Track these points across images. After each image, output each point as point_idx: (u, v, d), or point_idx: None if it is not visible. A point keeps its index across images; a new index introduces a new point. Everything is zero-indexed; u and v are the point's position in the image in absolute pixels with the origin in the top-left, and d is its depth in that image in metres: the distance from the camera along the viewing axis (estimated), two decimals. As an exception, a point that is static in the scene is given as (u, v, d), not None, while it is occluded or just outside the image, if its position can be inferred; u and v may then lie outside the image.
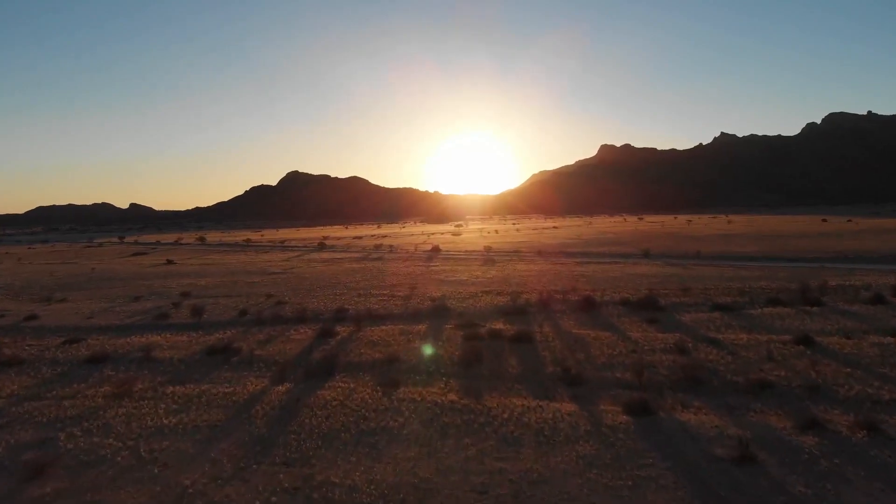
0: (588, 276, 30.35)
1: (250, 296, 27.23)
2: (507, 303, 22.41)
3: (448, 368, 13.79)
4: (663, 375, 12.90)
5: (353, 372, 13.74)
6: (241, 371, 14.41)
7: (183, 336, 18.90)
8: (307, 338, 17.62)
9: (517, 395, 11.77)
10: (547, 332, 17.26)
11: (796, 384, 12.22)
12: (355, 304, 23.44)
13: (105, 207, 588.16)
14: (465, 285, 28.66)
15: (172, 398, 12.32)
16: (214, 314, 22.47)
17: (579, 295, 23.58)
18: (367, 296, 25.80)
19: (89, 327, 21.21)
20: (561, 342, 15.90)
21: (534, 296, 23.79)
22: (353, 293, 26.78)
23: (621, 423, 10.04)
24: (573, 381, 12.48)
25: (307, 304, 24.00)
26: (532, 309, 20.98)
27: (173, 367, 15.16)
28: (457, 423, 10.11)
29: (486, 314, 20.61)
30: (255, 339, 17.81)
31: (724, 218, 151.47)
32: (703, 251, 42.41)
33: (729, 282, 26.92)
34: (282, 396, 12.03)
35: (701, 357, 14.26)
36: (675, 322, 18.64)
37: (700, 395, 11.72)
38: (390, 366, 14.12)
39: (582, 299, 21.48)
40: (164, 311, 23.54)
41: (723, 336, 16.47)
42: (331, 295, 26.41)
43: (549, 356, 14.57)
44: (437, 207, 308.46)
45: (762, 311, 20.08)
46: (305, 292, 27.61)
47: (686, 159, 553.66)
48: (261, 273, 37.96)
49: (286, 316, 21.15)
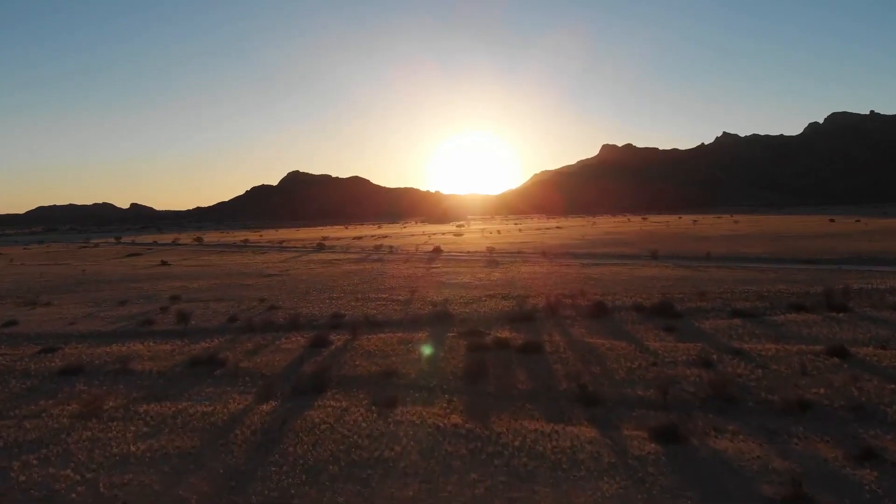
0: (596, 279, 29.07)
1: (242, 300, 25.98)
2: (512, 308, 21.15)
3: (451, 383, 12.53)
4: (690, 393, 11.63)
5: (346, 387, 12.48)
6: (224, 386, 13.15)
7: (166, 345, 17.65)
8: (299, 347, 16.36)
9: (529, 416, 10.50)
10: (557, 341, 15.98)
11: (838, 404, 10.97)
12: (352, 310, 22.18)
13: (106, 207, 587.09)
14: (467, 288, 27.40)
15: (144, 419, 11.06)
16: (202, 320, 21.22)
17: (589, 299, 22.31)
18: (365, 300, 24.55)
19: (69, 334, 19.97)
20: (573, 353, 14.62)
21: (541, 300, 22.52)
22: (351, 297, 25.53)
23: (650, 453, 8.77)
24: (590, 400, 11.21)
25: (301, 309, 22.74)
26: (540, 315, 19.71)
27: (151, 381, 13.90)
28: (461, 454, 8.84)
29: (490, 320, 19.34)
30: (242, 348, 16.55)
31: (729, 218, 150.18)
32: (712, 252, 41.09)
33: (745, 285, 25.64)
34: (265, 418, 10.77)
35: (728, 371, 12.99)
36: (694, 330, 17.37)
37: (733, 416, 10.45)
38: (387, 380, 12.86)
39: (593, 304, 20.21)
40: (149, 316, 22.30)
41: (748, 346, 15.19)
42: (327, 299, 25.16)
43: (562, 369, 13.29)
44: (438, 207, 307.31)
45: (786, 318, 18.80)
46: (300, 296, 26.36)
47: (688, 159, 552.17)
48: (256, 275, 36.71)
49: (278, 322, 19.90)
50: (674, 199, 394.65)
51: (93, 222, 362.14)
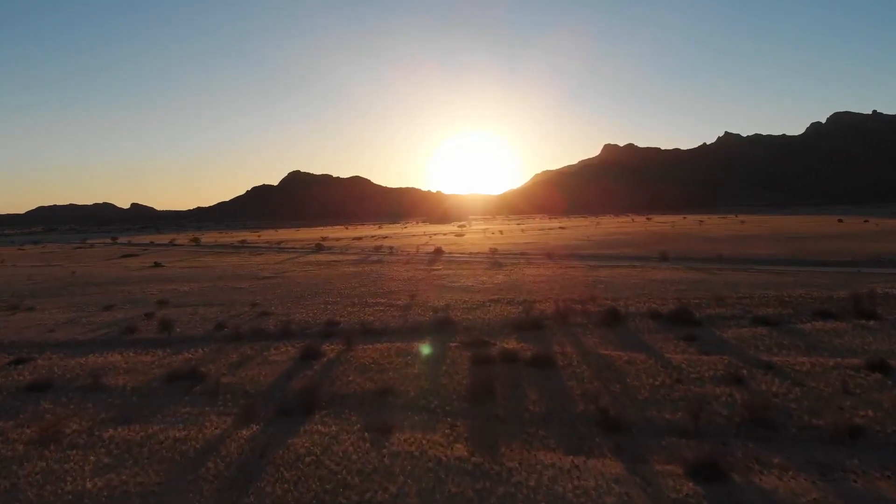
0: (605, 283, 27.73)
1: (233, 304, 24.68)
2: (519, 314, 19.83)
3: (453, 404, 11.23)
4: (723, 417, 10.33)
5: (337, 408, 11.19)
6: (202, 405, 11.86)
7: (146, 355, 16.36)
8: (288, 359, 15.05)
9: (544, 446, 9.19)
10: (570, 353, 14.66)
11: (891, 429, 9.68)
12: (348, 316, 20.87)
13: (106, 207, 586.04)
14: (470, 292, 26.09)
15: (108, 446, 9.78)
16: (188, 327, 19.91)
17: (600, 305, 21.00)
18: (362, 305, 23.24)
19: (46, 343, 18.68)
20: (589, 367, 13.30)
21: (549, 306, 21.20)
22: (347, 301, 24.22)
23: (689, 496, 7.47)
24: (613, 426, 9.90)
25: (294, 314, 21.44)
26: (548, 322, 18.39)
27: (123, 398, 12.61)
28: (468, 496, 7.54)
29: (496, 328, 18.03)
30: (227, 360, 15.24)
31: (734, 218, 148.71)
32: (724, 254, 39.67)
33: (764, 289, 24.31)
34: (244, 446, 9.47)
35: (762, 389, 11.68)
36: (716, 340, 16.05)
37: (776, 446, 9.15)
38: (383, 400, 11.57)
39: (605, 311, 18.88)
40: (133, 323, 21.01)
41: (779, 359, 13.88)
42: (322, 304, 23.86)
43: (578, 387, 11.98)
44: (439, 207, 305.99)
45: (813, 326, 17.49)
46: (294, 300, 25.06)
47: (690, 159, 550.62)
48: (250, 277, 35.39)
49: (268, 330, 18.59)
50: (675, 199, 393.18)
51: (93, 222, 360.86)
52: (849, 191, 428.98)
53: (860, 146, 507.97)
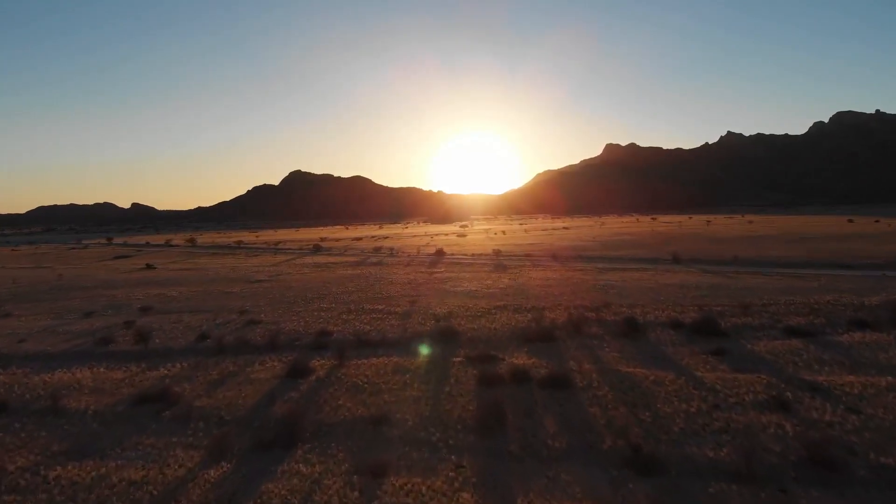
0: (618, 287, 26.16)
1: (221, 311, 23.15)
2: (528, 324, 18.27)
3: (458, 436, 9.68)
4: (776, 454, 8.78)
5: (323, 441, 9.65)
6: (170, 434, 10.33)
7: (118, 371, 14.83)
8: (273, 377, 13.51)
9: (568, 496, 7.65)
10: (588, 370, 13.11)
11: (977, 468, 8.14)
12: (342, 325, 19.32)
13: (107, 207, 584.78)
14: (474, 297, 24.55)
15: (52, 491, 8.28)
16: (169, 338, 18.37)
17: (615, 313, 19.44)
18: (359, 312, 21.69)
19: (14, 355, 17.16)
20: (611, 389, 11.74)
21: (560, 314, 19.65)
22: (342, 308, 22.68)
23: (757, 572, 5.91)
24: (647, 466, 8.35)
25: (284, 323, 19.90)
26: (561, 333, 16.83)
27: (83, 425, 11.08)
28: (479, 573, 5.98)
29: (503, 340, 16.49)
30: (205, 378, 13.71)
31: (741, 218, 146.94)
32: (738, 256, 37.96)
33: (788, 295, 22.75)
34: (209, 493, 7.94)
35: (813, 417, 10.15)
36: (748, 354, 14.49)
37: (848, 495, 7.61)
38: (376, 431, 10.02)
39: (622, 321, 17.33)
40: (111, 332, 19.48)
41: (823, 379, 12.32)
42: (315, 311, 22.31)
43: (601, 415, 10.42)
44: (440, 207, 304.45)
45: (851, 338, 15.93)
46: (286, 307, 23.52)
47: (692, 158, 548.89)
48: (243, 281, 33.83)
49: (254, 342, 17.05)
50: (677, 199, 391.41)
51: (93, 222, 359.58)
52: (852, 191, 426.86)
53: (863, 146, 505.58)
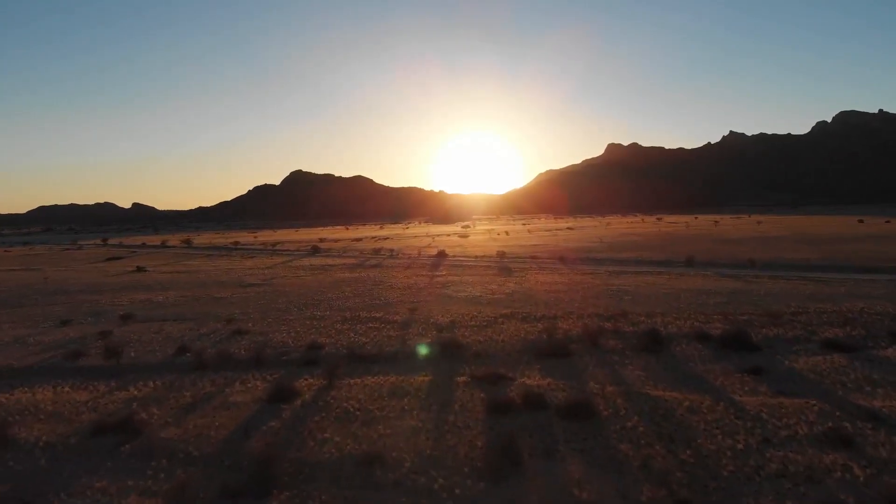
0: (632, 293, 24.52)
1: (208, 319, 21.55)
2: (539, 335, 16.66)
3: (465, 484, 8.07)
4: (855, 510, 7.16)
5: (302, 488, 8.05)
6: (127, 475, 8.74)
7: (83, 391, 13.25)
8: (253, 400, 11.91)
9: (607, 575, 6.02)
10: (612, 393, 11.49)
11: None
12: (335, 336, 17.71)
13: (107, 207, 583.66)
14: (479, 304, 22.94)
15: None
16: (145, 351, 16.78)
17: (633, 322, 17.82)
18: (354, 321, 20.08)
19: (-27, 370, 15.56)
20: (641, 419, 10.12)
21: (573, 324, 18.03)
22: (337, 316, 21.07)
23: None
24: (701, 530, 6.74)
25: (273, 334, 18.30)
26: (576, 347, 15.22)
27: (30, 461, 9.50)
28: None
29: (513, 355, 14.88)
30: (177, 401, 12.10)
31: (748, 218, 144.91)
32: (755, 258, 36.13)
33: (817, 302, 21.12)
34: (154, 566, 6.33)
35: (882, 456, 8.54)
36: (789, 373, 12.88)
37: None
38: (367, 474, 8.41)
39: (643, 333, 15.70)
40: (84, 344, 17.91)
41: (881, 404, 10.74)
42: (308, 319, 20.71)
43: (634, 453, 8.80)
44: (442, 207, 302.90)
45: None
46: (277, 315, 21.92)
47: (694, 158, 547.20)
48: (234, 285, 32.22)
49: (237, 357, 15.47)
50: (680, 199, 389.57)
51: (93, 222, 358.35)
52: (855, 190, 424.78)
53: (866, 145, 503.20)
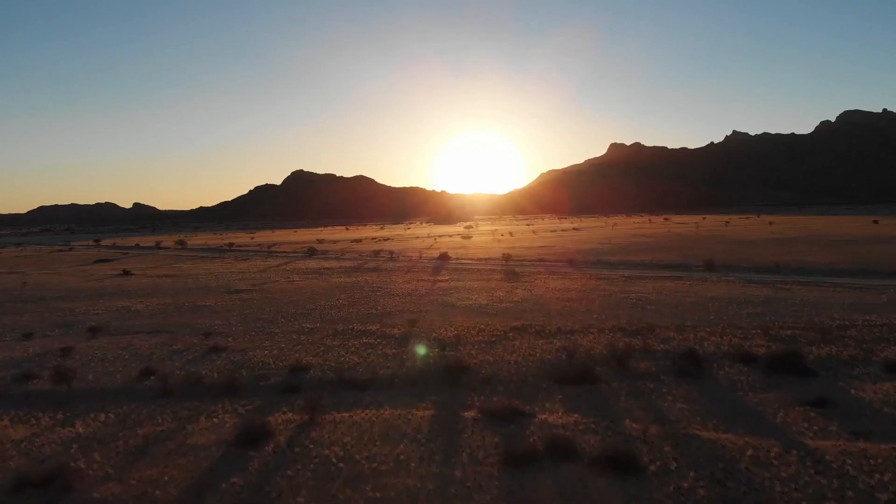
0: (654, 302, 22.38)
1: (185, 331, 19.46)
2: (557, 355, 14.53)
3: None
4: None
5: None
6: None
7: (22, 425, 11.18)
8: (217, 442, 9.80)
9: None
10: (655, 436, 9.36)
11: None
12: (324, 355, 15.59)
13: (108, 207, 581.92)
14: (486, 315, 20.84)
15: None
16: (105, 373, 14.67)
17: (663, 339, 15.69)
18: (346, 335, 17.97)
19: None
20: (699, 476, 7.97)
21: (595, 340, 15.90)
22: (328, 329, 18.96)
23: None
24: None
25: (254, 351, 16.20)
26: (602, 370, 13.09)
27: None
28: None
29: (529, 380, 12.77)
30: (126, 442, 9.99)
31: (756, 218, 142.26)
32: (780, 262, 33.76)
33: (862, 314, 18.98)
34: None
35: None
36: (858, 405, 10.75)
37: None
38: (349, 566, 6.30)
39: (680, 355, 13.56)
40: (40, 363, 15.83)
41: None
42: (295, 333, 18.61)
43: (701, 535, 6.66)
44: (444, 207, 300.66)
45: (980, 378, 12.20)
46: (262, 327, 19.82)
47: (698, 158, 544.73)
48: (221, 291, 30.11)
49: (208, 380, 13.37)
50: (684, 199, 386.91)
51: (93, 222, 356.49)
52: (860, 190, 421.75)
53: (872, 144, 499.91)
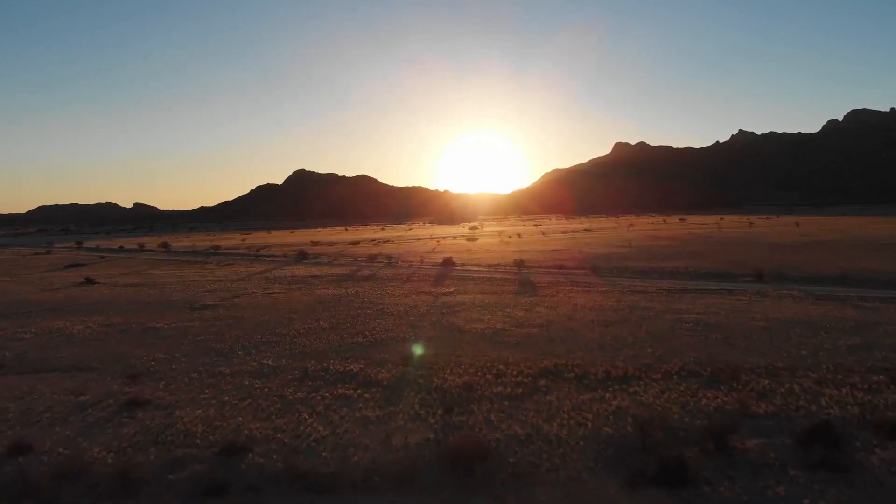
0: (716, 327, 17.62)
1: (109, 372, 14.86)
2: (617, 423, 9.88)
3: None
4: None
5: None
6: None
7: None
8: None
9: None
10: None
11: None
12: (275, 422, 10.92)
13: (108, 207, 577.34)
14: (504, 346, 16.20)
15: None
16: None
17: (759, 391, 11.03)
18: (316, 381, 13.32)
19: None
20: None
21: (665, 394, 11.21)
22: (295, 370, 14.31)
23: None
24: None
25: (183, 410, 11.56)
26: (692, 453, 8.44)
27: None
28: None
29: (584, 479, 8.15)
30: None
31: (776, 219, 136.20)
32: (845, 271, 28.55)
33: None
34: None
35: None
36: None
37: None
38: None
39: (806, 431, 8.90)
40: None
41: None
42: (249, 375, 13.97)
43: None
44: (447, 207, 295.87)
45: None
46: (210, 365, 15.18)
47: (703, 157, 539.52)
48: (183, 307, 25.36)
49: (96, 469, 8.75)
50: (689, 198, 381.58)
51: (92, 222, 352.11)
52: (870, 189, 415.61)
53: (878, 144, 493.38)
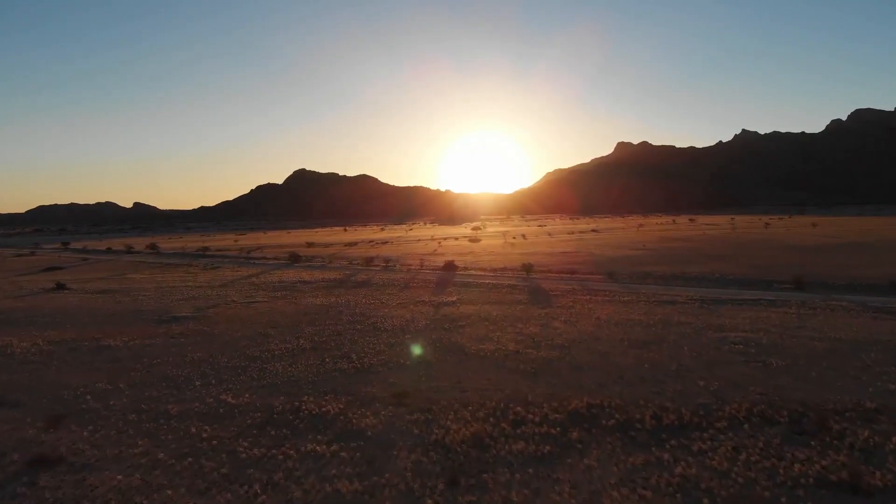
0: (771, 349, 14.62)
1: (30, 409, 11.96)
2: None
3: None
4: None
5: None
6: None
7: None
8: None
9: None
10: None
11: None
12: (216, 497, 8.01)
13: (108, 207, 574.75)
14: (520, 375, 13.28)
15: None
16: None
17: (864, 449, 8.07)
18: (280, 430, 10.39)
19: None
20: None
21: (741, 452, 8.26)
22: (256, 410, 11.38)
23: None
24: None
25: (98, 475, 8.64)
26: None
27: None
28: None
29: None
30: None
31: (788, 219, 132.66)
32: (894, 278, 25.56)
33: None
34: None
35: None
36: None
37: None
38: None
39: None
40: None
41: None
42: (199, 417, 11.04)
43: None
44: (449, 207, 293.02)
45: None
46: (157, 399, 12.25)
47: (706, 156, 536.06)
48: (151, 320, 22.42)
49: None
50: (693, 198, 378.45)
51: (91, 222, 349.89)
52: (875, 189, 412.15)
53: (883, 143, 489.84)
